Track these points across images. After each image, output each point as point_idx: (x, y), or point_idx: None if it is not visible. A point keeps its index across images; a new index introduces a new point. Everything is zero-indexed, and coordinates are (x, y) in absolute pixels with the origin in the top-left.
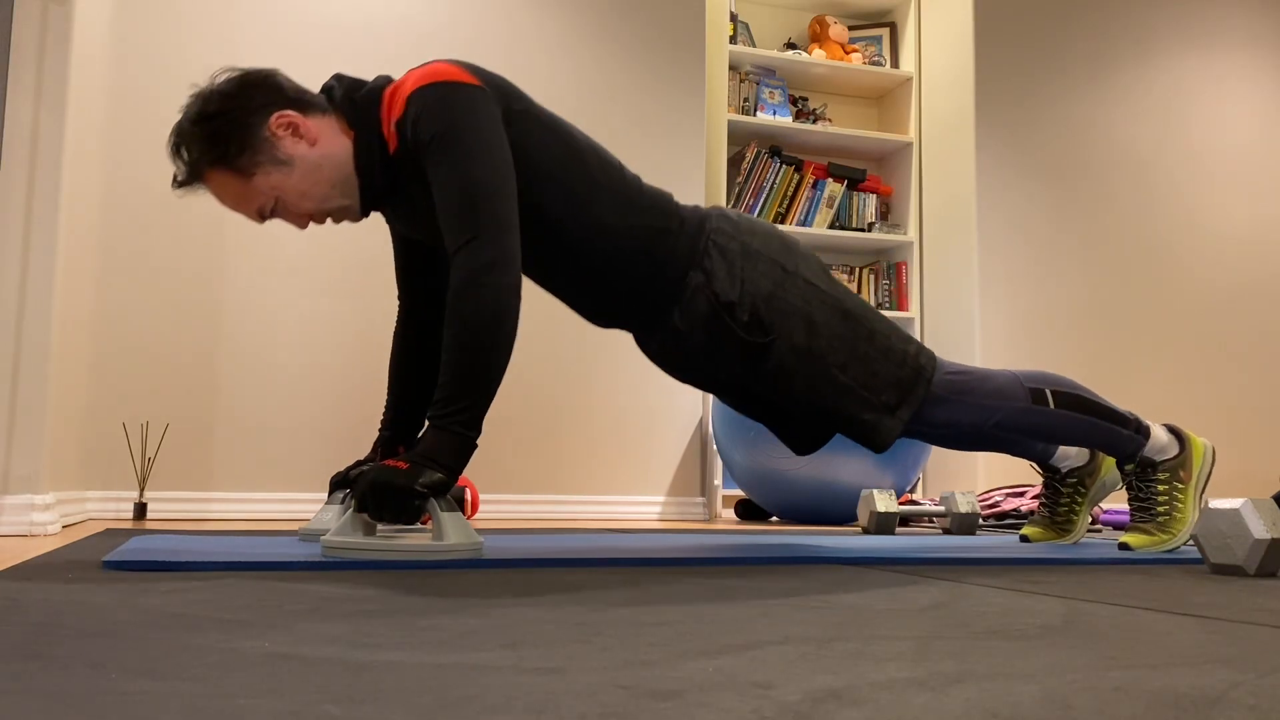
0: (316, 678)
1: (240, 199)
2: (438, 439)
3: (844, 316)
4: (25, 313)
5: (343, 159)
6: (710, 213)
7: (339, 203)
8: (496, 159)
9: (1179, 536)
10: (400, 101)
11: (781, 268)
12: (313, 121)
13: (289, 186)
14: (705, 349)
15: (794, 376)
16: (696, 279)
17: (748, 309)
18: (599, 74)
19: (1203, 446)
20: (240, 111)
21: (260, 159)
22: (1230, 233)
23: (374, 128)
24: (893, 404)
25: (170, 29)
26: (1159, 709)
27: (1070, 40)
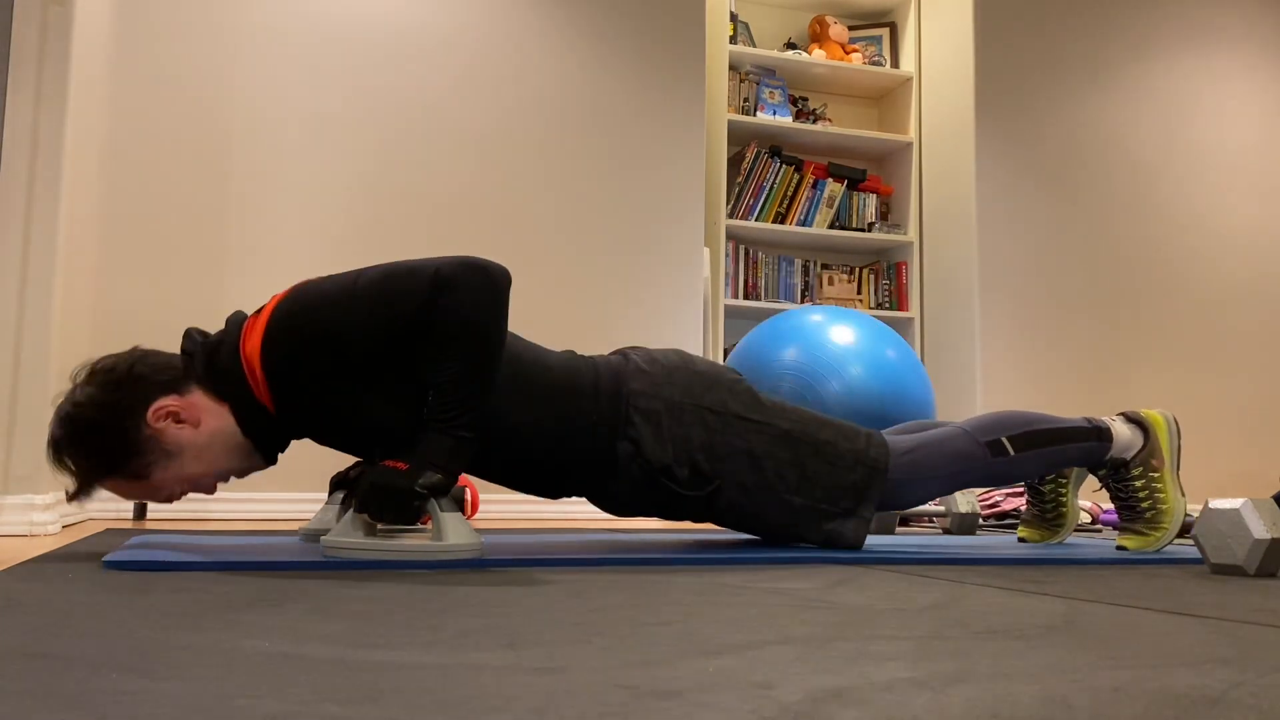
0: (316, 678)
1: (143, 494)
2: (437, 440)
3: (785, 441)
4: (25, 313)
5: (229, 429)
6: (623, 369)
7: (243, 465)
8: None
9: (1171, 528)
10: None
11: (710, 411)
12: (190, 399)
13: (187, 472)
14: (656, 505)
15: (748, 511)
16: (626, 449)
17: (686, 465)
18: (599, 74)
19: (1164, 421)
20: (115, 418)
21: (151, 459)
22: (1230, 232)
23: (245, 395)
24: (852, 507)
25: (170, 29)
26: (1159, 709)
27: (1070, 40)
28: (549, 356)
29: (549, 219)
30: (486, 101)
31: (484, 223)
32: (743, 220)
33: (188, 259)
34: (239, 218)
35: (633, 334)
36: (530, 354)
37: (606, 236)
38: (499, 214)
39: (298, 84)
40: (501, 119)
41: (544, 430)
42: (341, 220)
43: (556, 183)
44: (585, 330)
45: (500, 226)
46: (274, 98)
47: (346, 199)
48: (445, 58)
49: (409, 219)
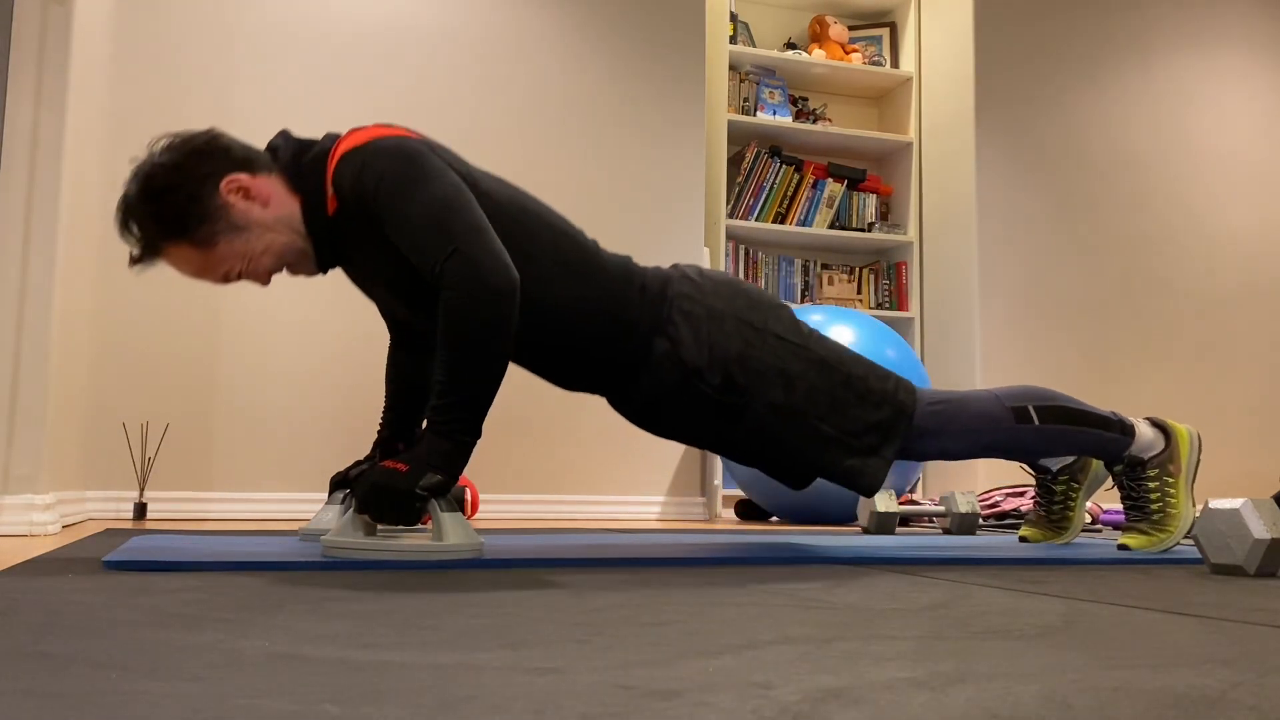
0: (316, 678)
1: (203, 268)
2: (437, 441)
3: (819, 367)
4: (25, 313)
5: (295, 219)
6: (672, 275)
7: (298, 259)
8: (444, 177)
9: (1176, 533)
10: (334, 162)
11: (750, 326)
12: (261, 181)
13: (250, 249)
14: (679, 413)
15: (774, 432)
16: (662, 346)
17: (719, 372)
18: (599, 74)
19: (1188, 435)
20: (190, 183)
21: (219, 228)
22: (1230, 232)
23: (320, 191)
24: (875, 445)
25: (170, 29)
26: (1159, 709)
27: (1070, 40)
28: (603, 252)
29: None
30: (487, 101)
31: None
32: (743, 220)
33: None
34: None
35: None
36: (584, 242)
37: (606, 236)
38: None
39: (297, 83)
40: (502, 119)
41: (585, 311)
42: None
43: (556, 182)
44: None
45: None
46: (274, 97)
47: None
48: (445, 57)
49: None
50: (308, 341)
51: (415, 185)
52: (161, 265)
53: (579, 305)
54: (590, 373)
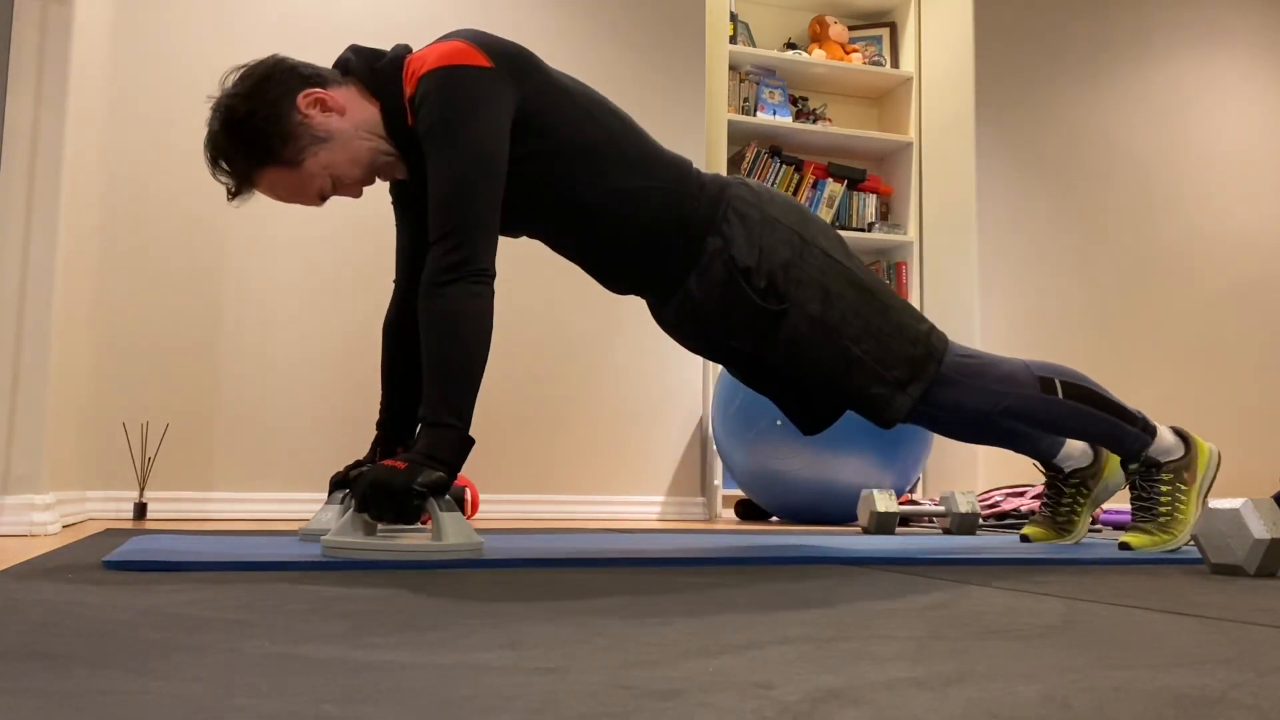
0: (316, 678)
1: (296, 189)
2: (433, 437)
3: (859, 290)
4: (25, 312)
5: (375, 122)
6: (731, 180)
7: (386, 159)
8: (486, 154)
9: (1180, 537)
10: (413, 81)
11: (800, 237)
12: (336, 92)
13: (337, 159)
14: (720, 315)
15: (807, 347)
16: (715, 244)
17: (765, 276)
18: (599, 74)
19: (1209, 451)
20: (266, 106)
21: (303, 144)
22: (1230, 233)
23: (396, 98)
24: (904, 380)
25: (170, 29)
26: (1159, 709)
27: (1070, 41)
28: (666, 151)
29: None
30: None
31: None
32: None
33: (188, 259)
34: (238, 217)
35: (634, 333)
36: (648, 139)
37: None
38: None
39: None
40: None
41: (644, 202)
42: (341, 219)
43: None
44: (586, 329)
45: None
46: None
47: (346, 197)
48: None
49: None
50: (308, 342)
51: (452, 151)
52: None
53: (638, 195)
54: (640, 266)
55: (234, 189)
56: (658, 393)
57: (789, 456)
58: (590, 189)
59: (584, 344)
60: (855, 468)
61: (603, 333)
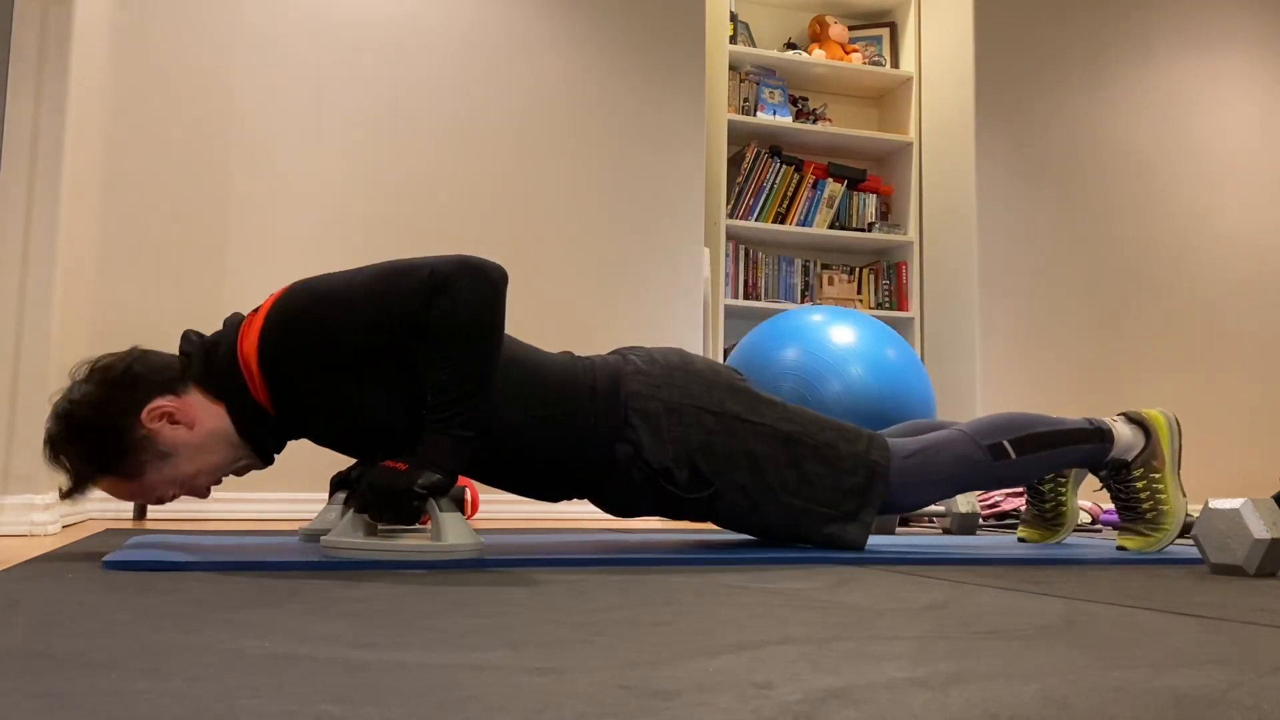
0: (316, 678)
1: (137, 494)
2: (436, 440)
3: (784, 443)
4: (25, 313)
5: (225, 430)
6: (622, 369)
7: (236, 466)
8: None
9: (1171, 529)
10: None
11: (708, 412)
12: (186, 400)
13: (180, 473)
14: (657, 504)
15: (749, 513)
16: (624, 451)
17: (685, 467)
18: (599, 74)
19: (1165, 421)
20: (109, 418)
21: (144, 458)
22: (1230, 233)
23: (242, 394)
24: (853, 511)
25: (170, 29)
26: (1159, 709)
27: (1070, 41)
28: (546, 357)
29: (548, 218)
30: (486, 101)
31: (483, 222)
32: (743, 220)
33: (188, 259)
34: (238, 217)
35: (633, 334)
36: (527, 355)
37: (606, 236)
38: (499, 213)
39: (297, 83)
40: (501, 119)
41: (542, 432)
42: (341, 219)
43: (556, 182)
44: (585, 330)
45: (500, 226)
46: (273, 97)
47: (346, 198)
48: (445, 57)
49: (408, 218)
50: None
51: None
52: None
53: (537, 429)
54: (559, 486)
55: (68, 489)
56: None
57: None
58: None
59: (584, 343)
60: None
61: (603, 332)
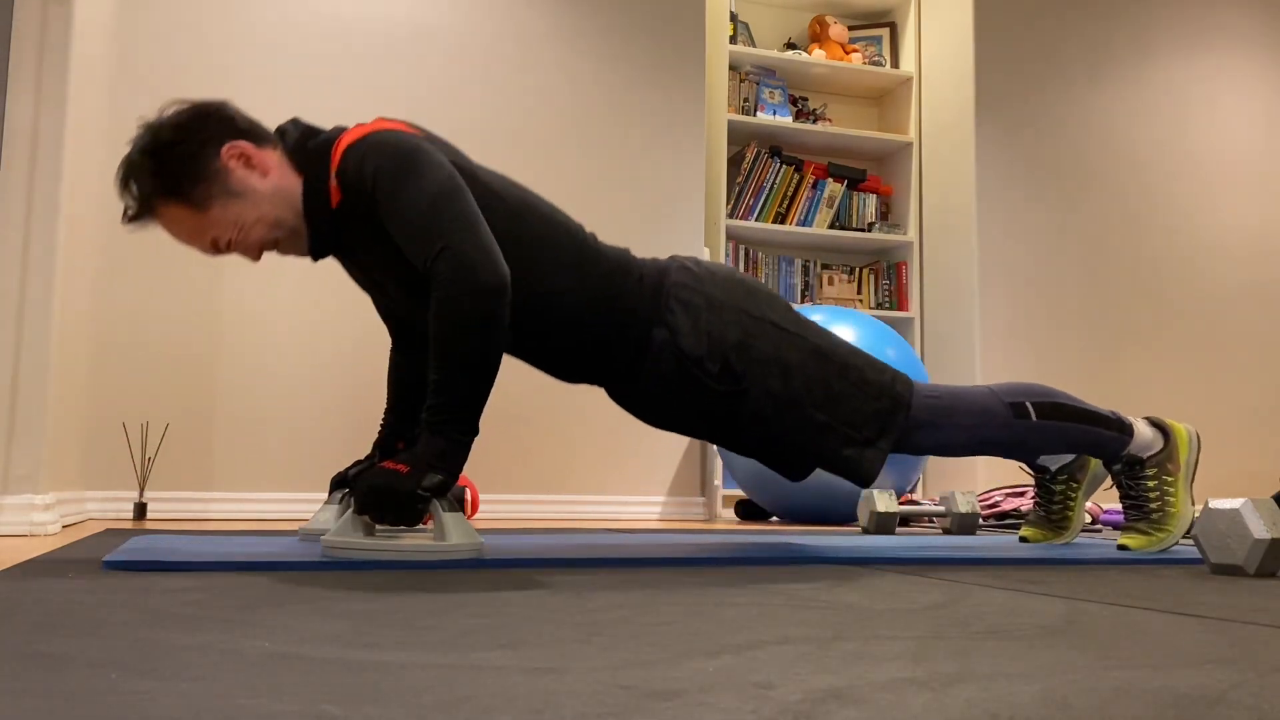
0: (316, 678)
1: (194, 232)
2: (435, 440)
3: (816, 356)
4: (25, 313)
5: (294, 195)
6: (669, 265)
7: (291, 233)
8: (442, 171)
9: (1175, 533)
10: (338, 155)
11: (748, 314)
12: (265, 153)
13: (244, 217)
14: (679, 402)
15: (771, 421)
16: (661, 335)
17: (718, 360)
18: (599, 74)
19: (1186, 434)
20: (192, 143)
21: (215, 190)
22: (1230, 233)
23: (322, 177)
24: (873, 437)
25: (170, 28)
26: (1159, 709)
27: (1070, 41)
28: (601, 244)
29: None
30: (486, 101)
31: None
32: (743, 220)
33: (188, 259)
34: None
35: None
36: (582, 235)
37: (607, 236)
38: None
39: (297, 82)
40: (502, 118)
41: (584, 301)
42: None
43: (556, 181)
44: None
45: None
46: (274, 97)
47: None
48: (445, 57)
49: None
50: (308, 342)
51: (409, 178)
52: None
53: (578, 296)
54: (590, 364)
55: (133, 213)
56: None
57: None
58: (523, 290)
59: None
60: None
61: None
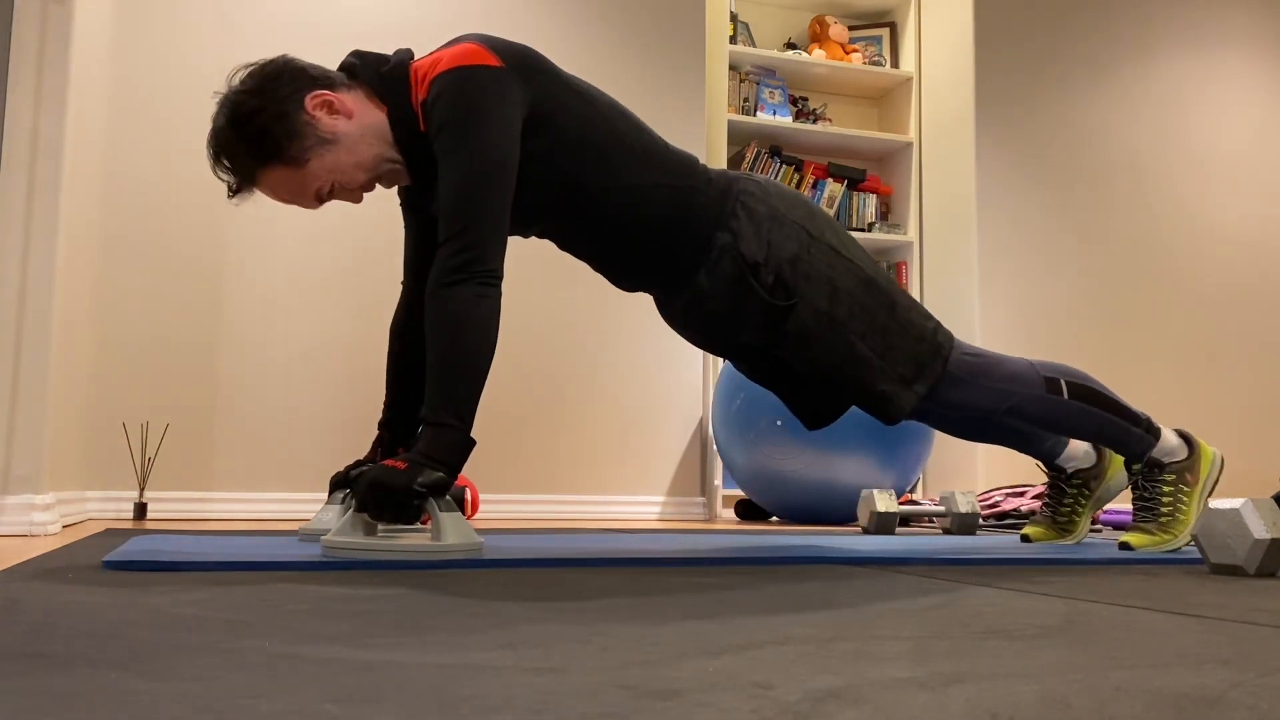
0: (316, 678)
1: (297, 189)
2: (434, 437)
3: (866, 286)
4: (25, 312)
5: (382, 127)
6: (738, 175)
7: (390, 165)
8: (498, 155)
9: (1180, 538)
10: (425, 84)
11: (807, 233)
12: (344, 95)
13: (341, 163)
14: (728, 310)
15: (813, 342)
16: (724, 239)
17: (773, 271)
18: (599, 74)
19: (1212, 454)
20: (273, 104)
21: (308, 144)
22: (1229, 232)
23: (404, 103)
24: (909, 377)
25: (170, 29)
26: (1159, 709)
27: (1070, 41)
28: (672, 147)
29: None
30: None
31: None
32: None
33: (188, 258)
34: (239, 217)
35: (633, 334)
36: (655, 136)
37: None
38: None
39: None
40: None
41: (652, 198)
42: (341, 219)
43: None
44: (586, 329)
45: None
46: None
47: None
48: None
49: None
50: (308, 341)
51: (464, 150)
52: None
53: (646, 192)
54: (649, 263)
55: (235, 187)
56: (658, 393)
57: (789, 456)
58: (599, 187)
59: (584, 344)
60: (855, 468)
61: (603, 332)
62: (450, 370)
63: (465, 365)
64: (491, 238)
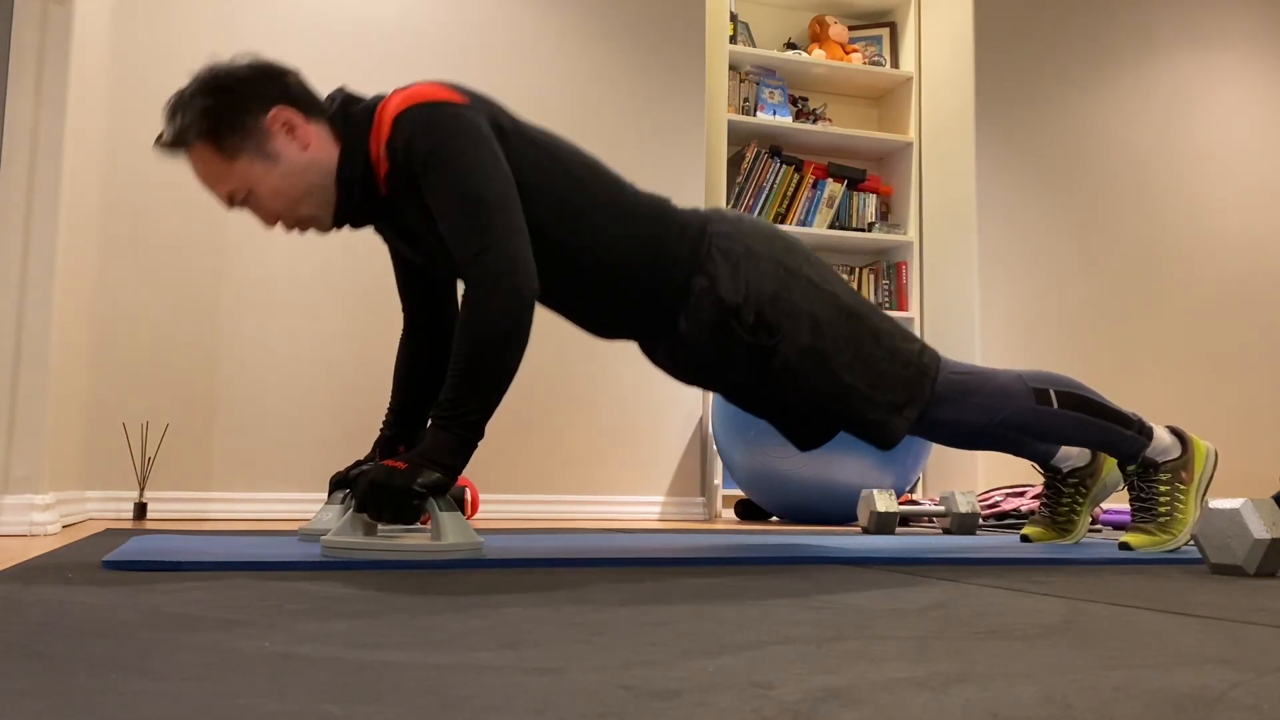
0: (316, 678)
1: (216, 179)
2: (439, 438)
3: (849, 316)
4: (25, 312)
5: (327, 169)
6: (710, 215)
7: (309, 211)
8: (495, 169)
9: (1179, 537)
10: (387, 123)
11: (785, 267)
12: (311, 127)
13: (266, 182)
14: (712, 353)
15: (800, 377)
16: (701, 283)
17: (753, 311)
18: (599, 74)
19: (1205, 449)
20: (243, 96)
21: (246, 146)
22: (1230, 233)
23: (360, 145)
24: (899, 403)
25: (170, 29)
26: (1159, 709)
27: (1070, 41)
28: (641, 193)
29: None
30: None
31: None
32: None
33: (188, 259)
34: (238, 217)
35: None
36: (623, 184)
37: None
38: None
39: None
40: None
41: (625, 250)
42: None
43: None
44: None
45: None
46: None
47: None
48: (445, 57)
49: None
50: (308, 342)
51: (460, 171)
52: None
53: (618, 243)
54: (628, 314)
55: (167, 140)
56: (658, 393)
57: (789, 456)
58: (565, 241)
59: (584, 344)
60: (855, 468)
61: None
62: (471, 379)
63: (487, 378)
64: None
